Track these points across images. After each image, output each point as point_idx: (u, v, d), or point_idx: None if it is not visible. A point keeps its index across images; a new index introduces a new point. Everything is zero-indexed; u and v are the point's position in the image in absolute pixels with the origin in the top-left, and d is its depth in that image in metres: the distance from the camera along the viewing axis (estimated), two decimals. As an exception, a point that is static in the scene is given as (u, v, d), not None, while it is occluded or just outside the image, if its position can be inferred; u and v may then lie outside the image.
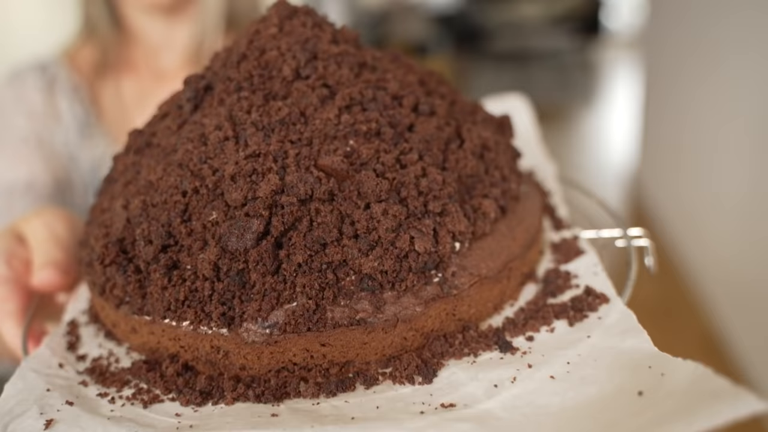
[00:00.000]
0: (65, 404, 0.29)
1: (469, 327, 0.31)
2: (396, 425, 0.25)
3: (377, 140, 0.32)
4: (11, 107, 0.73)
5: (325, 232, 0.29)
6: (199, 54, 0.75)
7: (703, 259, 2.60)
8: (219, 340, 0.29)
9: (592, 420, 0.24)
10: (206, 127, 0.32)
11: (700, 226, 2.61)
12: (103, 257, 0.32)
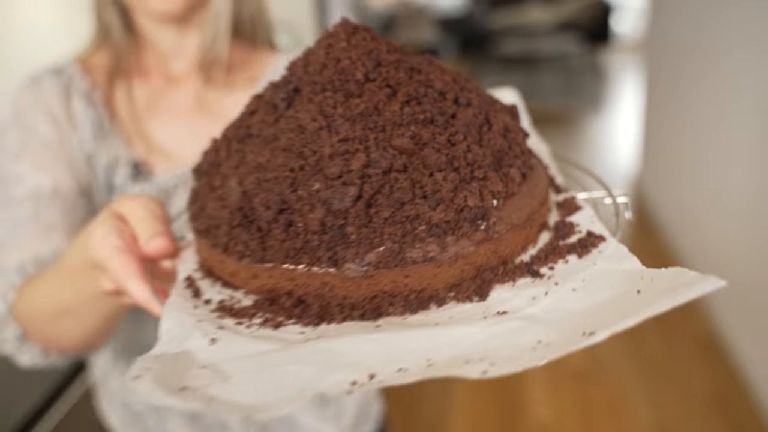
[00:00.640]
0: (216, 329, 0.38)
1: (507, 261, 0.42)
2: (469, 325, 0.36)
3: (432, 126, 0.42)
4: (31, 111, 0.75)
5: (402, 194, 0.39)
6: (207, 59, 0.78)
7: (706, 262, 2.61)
8: (327, 278, 0.39)
9: (605, 312, 0.35)
10: (302, 120, 0.41)
11: (703, 229, 2.62)
12: (231, 221, 0.41)
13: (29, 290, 0.62)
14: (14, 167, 0.72)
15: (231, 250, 0.41)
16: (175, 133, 0.78)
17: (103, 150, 0.75)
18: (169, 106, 0.80)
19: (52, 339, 0.63)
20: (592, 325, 0.34)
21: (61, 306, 0.57)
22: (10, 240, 0.68)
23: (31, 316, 0.62)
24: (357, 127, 0.41)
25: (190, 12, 0.76)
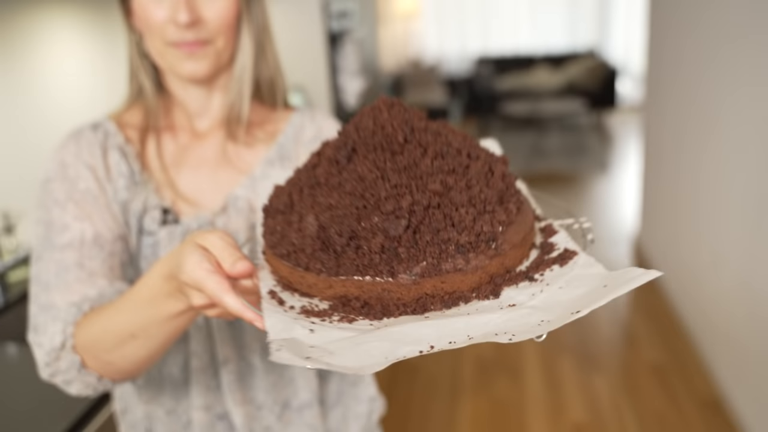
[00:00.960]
0: (310, 323, 0.50)
1: (511, 270, 0.56)
2: (491, 313, 0.49)
3: (454, 174, 0.56)
4: (74, 164, 0.83)
5: (437, 224, 0.53)
6: (230, 117, 0.87)
7: (704, 322, 2.66)
8: (386, 285, 0.52)
9: (584, 299, 0.49)
10: (361, 172, 0.56)
11: (701, 290, 2.68)
12: (312, 246, 0.54)
13: (93, 322, 0.71)
14: (60, 216, 0.79)
15: (312, 267, 0.53)
16: (199, 183, 0.87)
17: (135, 198, 0.83)
18: (194, 158, 0.88)
19: (112, 364, 0.72)
20: (576, 307, 0.48)
21: (131, 330, 0.67)
22: (56, 281, 0.76)
23: (95, 344, 0.71)
24: (402, 176, 0.54)
25: (216, 75, 0.86)
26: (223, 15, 0.81)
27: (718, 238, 2.45)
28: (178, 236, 0.83)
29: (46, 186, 0.82)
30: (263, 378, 0.87)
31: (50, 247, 0.78)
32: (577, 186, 5.11)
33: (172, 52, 0.81)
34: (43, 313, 0.75)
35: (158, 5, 0.79)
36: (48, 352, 0.72)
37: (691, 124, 2.79)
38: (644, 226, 3.72)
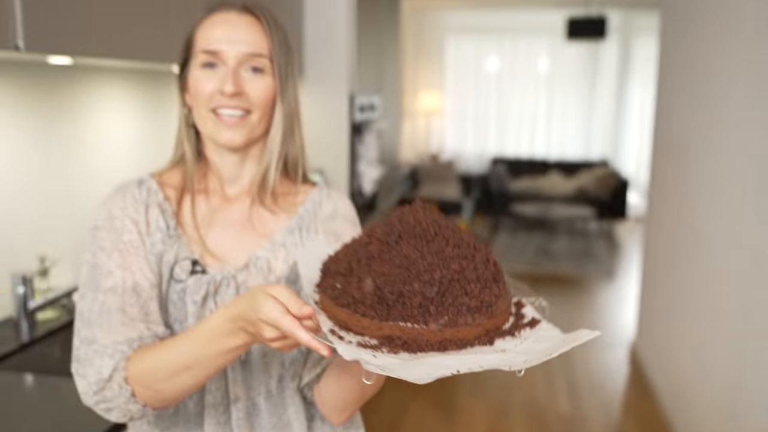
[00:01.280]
0: (374, 352, 0.68)
1: (499, 328, 0.74)
2: (490, 354, 0.68)
3: (466, 260, 0.74)
4: (120, 216, 0.94)
5: (457, 292, 0.71)
6: (260, 184, 1.00)
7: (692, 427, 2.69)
8: (421, 331, 0.69)
9: (551, 349, 0.68)
10: (406, 252, 0.75)
11: (689, 399, 2.73)
12: (371, 300, 0.71)
13: (148, 356, 0.83)
14: (105, 262, 0.90)
15: (368, 314, 0.71)
16: (225, 241, 0.98)
17: (169, 249, 0.95)
18: (223, 219, 0.99)
19: (161, 392, 0.83)
20: (548, 351, 0.68)
21: (187, 363, 0.80)
22: (98, 320, 0.86)
23: (149, 375, 0.82)
24: (434, 258, 0.73)
25: (249, 146, 1.00)
26: (261, 93, 0.95)
27: (706, 349, 2.53)
28: (203, 285, 0.94)
29: (94, 233, 0.93)
30: (266, 418, 0.96)
31: (95, 288, 0.89)
32: (581, 289, 5.20)
33: (215, 121, 0.95)
34: (85, 346, 0.86)
35: (210, 79, 0.94)
36: (96, 382, 0.83)
37: (683, 239, 2.93)
38: (640, 333, 3.80)
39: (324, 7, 2.97)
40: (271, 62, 0.96)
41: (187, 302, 0.93)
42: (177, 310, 0.94)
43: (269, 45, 0.96)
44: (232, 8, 0.97)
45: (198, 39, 0.96)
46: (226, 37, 0.94)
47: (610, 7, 7.52)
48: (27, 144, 1.73)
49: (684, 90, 3.08)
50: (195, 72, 0.96)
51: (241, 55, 0.94)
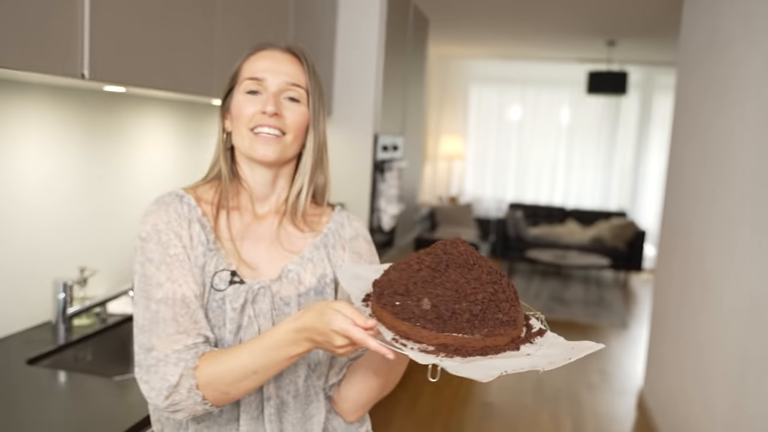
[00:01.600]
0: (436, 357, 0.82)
1: (520, 337, 0.90)
2: (520, 357, 0.85)
3: (498, 285, 0.90)
4: (165, 229, 1.00)
5: (494, 310, 0.87)
6: (294, 206, 1.11)
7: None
8: (469, 339, 0.84)
9: (564, 354, 0.85)
10: (454, 278, 0.90)
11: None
12: (430, 315, 0.85)
13: (218, 362, 0.94)
14: (155, 274, 0.98)
15: (427, 327, 0.85)
16: (257, 255, 1.07)
17: (209, 262, 1.04)
18: (255, 235, 1.09)
19: (228, 394, 0.94)
20: (566, 356, 0.85)
21: (254, 368, 0.92)
22: (151, 328, 0.96)
23: (218, 379, 0.93)
24: (476, 283, 0.89)
25: (280, 165, 1.10)
26: (297, 119, 1.07)
27: (709, 396, 2.59)
28: (242, 294, 1.02)
29: (143, 245, 1.01)
30: (292, 413, 1.06)
31: (147, 298, 0.98)
32: (594, 337, 5.20)
33: (253, 138, 1.05)
34: (144, 353, 0.96)
35: (252, 103, 1.06)
36: (166, 388, 0.93)
37: (692, 288, 3.01)
38: (648, 379, 3.84)
39: (354, 52, 3.16)
40: (307, 94, 1.09)
41: (227, 309, 1.02)
42: (216, 317, 1.02)
43: (306, 80, 1.09)
44: (277, 47, 1.11)
45: (244, 69, 1.09)
46: (269, 68, 1.07)
47: (631, 64, 7.70)
48: (77, 162, 1.89)
49: (695, 143, 3.20)
50: (239, 97, 1.07)
51: (282, 83, 1.06)
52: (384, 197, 3.29)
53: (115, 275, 2.11)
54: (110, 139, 2.02)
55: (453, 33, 6.52)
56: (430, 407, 3.68)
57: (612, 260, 7.09)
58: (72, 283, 1.82)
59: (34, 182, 1.75)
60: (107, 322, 1.92)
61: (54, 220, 1.84)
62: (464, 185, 8.47)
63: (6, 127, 1.64)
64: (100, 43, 1.43)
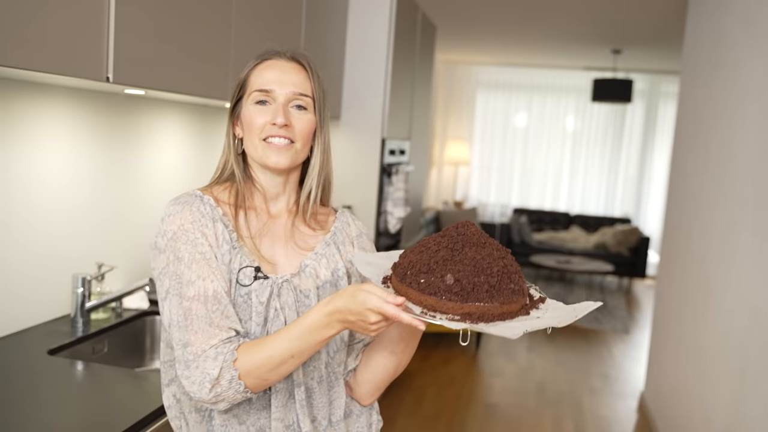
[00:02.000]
0: (465, 323, 0.92)
1: (527, 304, 1.00)
2: (529, 319, 0.96)
3: (506, 260, 1.00)
4: (191, 229, 1.05)
5: (506, 281, 0.97)
6: (305, 206, 1.18)
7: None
8: (488, 307, 0.94)
9: (569, 315, 0.96)
10: (470, 255, 0.99)
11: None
12: (454, 288, 0.95)
13: (256, 351, 0.99)
14: (186, 272, 1.02)
15: (452, 299, 0.94)
16: (275, 252, 1.13)
17: (234, 259, 1.09)
18: (271, 233, 1.14)
19: (267, 380, 1.00)
20: (572, 314, 0.95)
21: (292, 353, 0.98)
22: (190, 326, 1.00)
23: (259, 367, 0.98)
24: (490, 258, 0.98)
25: (290, 170, 1.17)
26: (305, 127, 1.13)
27: (709, 398, 2.64)
28: (267, 288, 1.07)
29: (172, 244, 1.05)
30: (318, 399, 1.12)
31: (179, 296, 1.02)
32: (597, 342, 5.28)
33: (264, 148, 1.11)
34: (181, 349, 1.00)
35: (262, 113, 1.11)
36: (209, 381, 0.97)
37: (693, 293, 3.06)
38: (649, 383, 3.88)
39: (364, 58, 3.23)
40: (313, 102, 1.14)
41: (253, 303, 1.07)
42: (242, 311, 1.07)
43: (312, 87, 1.15)
44: (282, 56, 1.15)
45: (252, 80, 1.14)
46: (277, 79, 1.12)
47: (636, 72, 7.76)
48: (95, 162, 1.97)
49: (696, 148, 3.26)
50: (249, 107, 1.12)
51: (289, 94, 1.12)
52: (391, 200, 3.35)
53: (131, 272, 2.18)
54: (126, 140, 2.09)
55: (460, 40, 6.60)
56: (434, 408, 3.73)
57: (616, 266, 7.13)
58: (90, 278, 1.89)
59: (55, 181, 1.83)
60: (122, 317, 1.99)
61: (74, 218, 1.91)
62: (469, 190, 8.53)
63: (27, 128, 1.72)
64: (123, 48, 1.50)
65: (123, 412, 1.34)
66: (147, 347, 2.06)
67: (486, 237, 1.04)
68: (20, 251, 1.74)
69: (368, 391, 1.18)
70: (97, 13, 1.42)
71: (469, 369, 4.44)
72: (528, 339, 5.24)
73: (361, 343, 1.17)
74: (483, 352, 4.83)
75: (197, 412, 1.10)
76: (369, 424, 1.21)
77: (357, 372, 1.17)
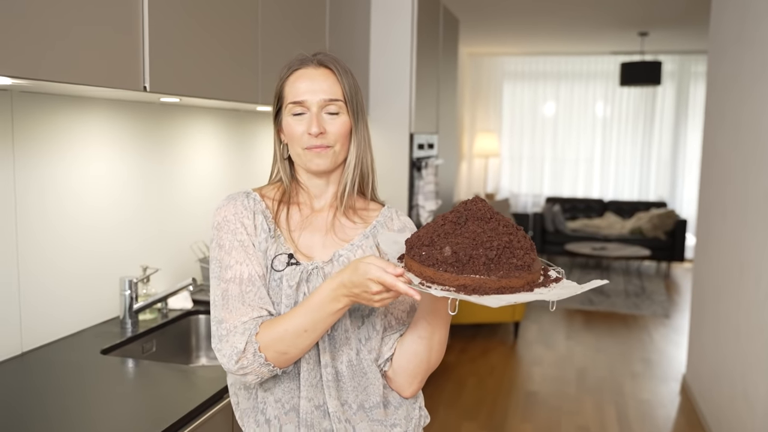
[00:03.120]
0: (456, 294, 0.94)
1: (535, 281, 1.00)
2: (535, 296, 0.95)
3: (513, 235, 1.00)
4: (233, 220, 1.16)
5: (509, 255, 0.98)
6: (340, 199, 1.25)
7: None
8: (486, 280, 0.95)
9: (566, 293, 0.96)
10: (472, 229, 1.01)
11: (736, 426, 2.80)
12: (450, 260, 0.97)
13: (274, 327, 1.07)
14: (225, 258, 1.14)
15: (449, 270, 0.96)
16: (313, 243, 1.21)
17: (270, 247, 1.19)
18: (311, 226, 1.23)
19: (287, 354, 1.07)
20: (573, 291, 0.97)
21: (305, 327, 1.06)
22: (226, 305, 1.11)
23: (278, 342, 1.06)
24: (492, 233, 0.99)
25: (332, 171, 1.25)
26: (339, 130, 1.20)
27: (750, 377, 2.62)
28: (297, 273, 1.15)
29: (217, 233, 1.17)
30: (347, 382, 1.18)
31: (218, 278, 1.14)
32: (636, 327, 5.24)
33: (306, 154, 1.20)
34: (216, 325, 1.11)
35: (299, 123, 1.19)
36: (235, 354, 1.07)
37: (729, 271, 3.04)
38: (690, 365, 3.86)
39: (388, 56, 3.28)
40: (345, 104, 1.21)
41: (284, 287, 1.15)
42: (275, 294, 1.15)
43: (342, 90, 1.21)
44: (310, 64, 1.22)
45: (286, 92, 1.21)
46: (308, 89, 1.19)
47: (664, 54, 7.65)
48: (136, 169, 2.05)
49: (726, 126, 3.23)
50: (287, 119, 1.20)
51: (321, 101, 1.19)
52: (422, 194, 3.39)
53: (173, 273, 2.27)
54: (162, 147, 2.18)
55: (483, 31, 6.59)
56: (475, 398, 3.76)
57: (653, 251, 7.05)
58: (136, 281, 1.98)
59: (99, 190, 1.91)
60: (168, 317, 2.07)
61: (119, 224, 2.00)
62: (500, 182, 8.51)
63: (74, 140, 1.81)
64: (158, 58, 1.57)
65: (175, 404, 1.42)
66: (193, 345, 2.15)
67: (494, 213, 1.05)
68: (71, 258, 1.83)
69: (406, 381, 1.21)
70: (131, 26, 1.49)
71: (508, 359, 4.46)
72: (566, 327, 5.24)
73: (398, 333, 1.21)
74: (521, 341, 4.84)
75: (245, 390, 1.20)
76: (409, 417, 1.24)
77: (393, 361, 1.21)
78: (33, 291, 1.72)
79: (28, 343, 1.72)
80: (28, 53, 1.23)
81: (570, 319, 5.46)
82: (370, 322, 1.18)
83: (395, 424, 1.22)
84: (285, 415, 1.17)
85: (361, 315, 1.18)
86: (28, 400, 1.42)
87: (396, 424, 1.22)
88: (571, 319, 5.46)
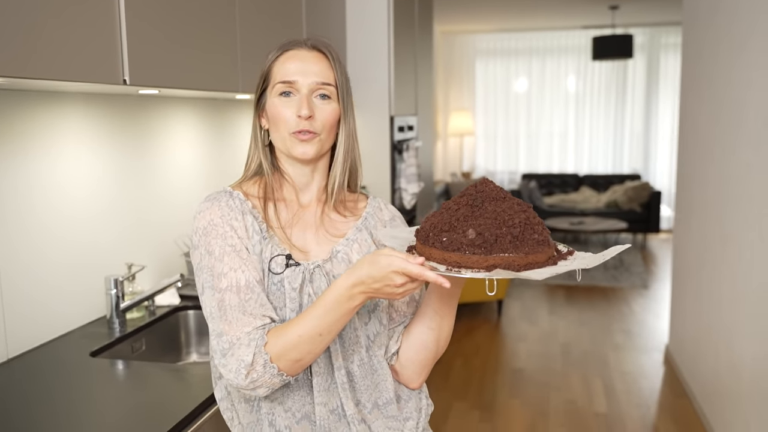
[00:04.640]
0: (490, 274, 0.92)
1: (554, 255, 1.00)
2: (559, 269, 0.95)
3: (528, 213, 0.99)
4: (221, 223, 1.07)
5: (530, 232, 0.97)
6: (330, 194, 1.19)
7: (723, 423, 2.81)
8: (513, 258, 0.95)
9: (598, 258, 0.96)
10: (489, 210, 1.00)
11: (720, 392, 2.85)
12: (477, 241, 0.95)
13: (285, 334, 0.99)
14: (217, 265, 1.05)
15: (476, 252, 0.95)
16: (306, 240, 1.14)
17: (265, 249, 1.11)
18: (302, 222, 1.16)
19: (300, 361, 1.00)
20: (599, 259, 0.96)
21: (319, 330, 0.98)
22: (224, 316, 1.02)
23: (291, 349, 0.99)
24: (510, 211, 0.98)
25: (317, 159, 1.18)
26: (329, 117, 1.14)
27: (734, 344, 2.66)
28: (299, 274, 1.09)
29: (203, 238, 1.07)
30: (360, 381, 1.13)
31: (212, 288, 1.04)
32: (617, 299, 5.31)
33: (292, 139, 1.12)
34: (216, 338, 1.02)
35: (287, 105, 1.12)
36: (244, 367, 0.98)
37: (711, 241, 3.07)
38: (673, 335, 3.92)
39: (365, 37, 3.23)
40: (336, 90, 1.15)
41: (286, 290, 1.08)
42: (276, 299, 1.08)
43: (335, 76, 1.15)
44: (303, 46, 1.16)
45: (275, 72, 1.14)
46: (299, 69, 1.12)
47: (635, 27, 7.69)
48: (114, 164, 1.99)
49: (704, 99, 3.25)
50: (273, 99, 1.12)
51: (312, 84, 1.12)
52: (404, 177, 3.37)
53: (159, 269, 2.22)
54: (142, 140, 2.12)
55: (456, 9, 6.55)
56: (462, 378, 3.78)
57: (629, 223, 7.14)
58: (122, 279, 1.92)
59: (77, 187, 1.85)
60: (156, 314, 2.03)
61: (99, 221, 1.94)
62: (476, 160, 8.53)
63: (46, 136, 1.74)
64: (136, 50, 1.52)
65: (172, 406, 1.38)
66: (183, 342, 2.11)
67: (505, 192, 1.04)
68: (50, 258, 1.78)
69: (414, 372, 1.18)
70: (108, 19, 1.43)
71: (493, 337, 4.49)
72: (549, 302, 5.28)
73: (402, 326, 1.18)
74: (505, 318, 4.88)
75: (246, 402, 1.13)
76: (419, 408, 1.21)
77: (400, 354, 1.18)
78: (15, 295, 1.67)
79: (13, 348, 1.67)
80: (5, 51, 1.17)
81: (552, 295, 5.52)
82: (376, 317, 1.14)
83: (408, 417, 1.18)
84: (297, 424, 1.10)
85: (367, 311, 1.14)
86: (18, 409, 1.38)
87: (409, 417, 1.19)
88: (553, 295, 5.52)
